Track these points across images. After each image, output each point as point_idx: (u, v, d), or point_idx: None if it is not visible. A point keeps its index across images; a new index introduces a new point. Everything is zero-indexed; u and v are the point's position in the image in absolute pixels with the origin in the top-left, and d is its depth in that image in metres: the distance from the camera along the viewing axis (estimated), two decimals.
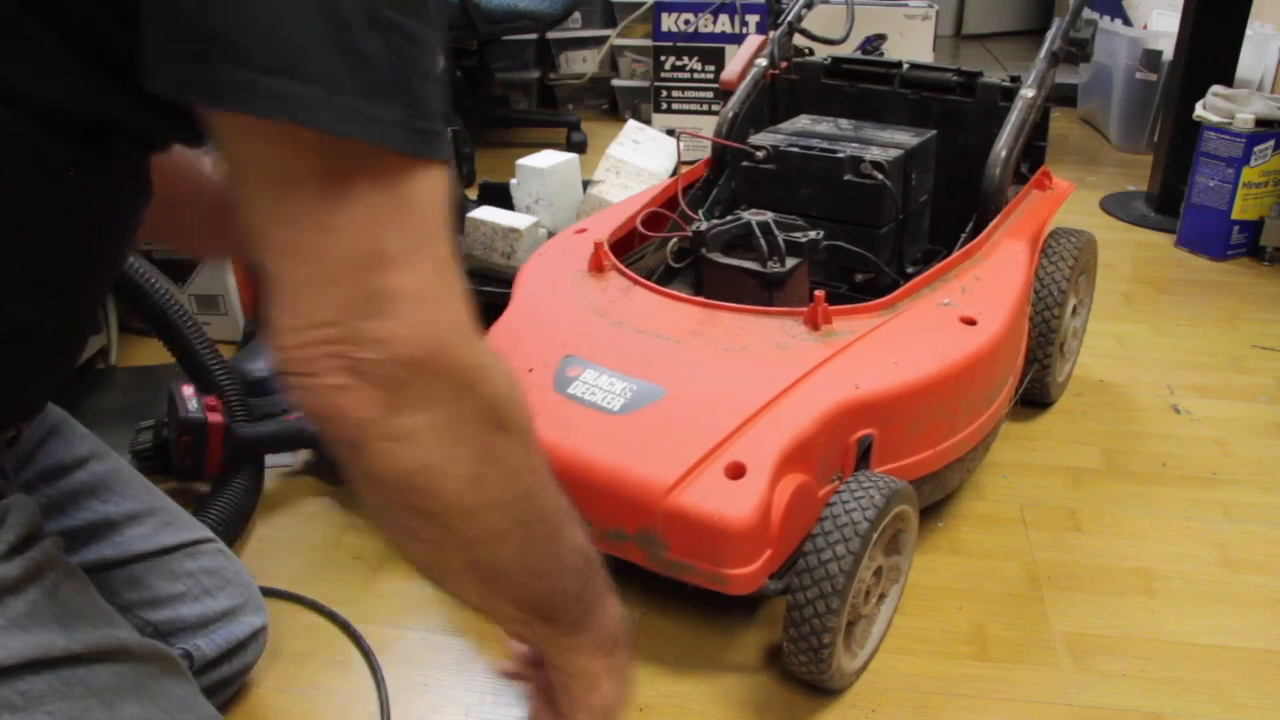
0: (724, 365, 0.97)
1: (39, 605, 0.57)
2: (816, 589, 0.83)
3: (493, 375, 0.55)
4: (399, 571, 1.06)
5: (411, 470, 0.52)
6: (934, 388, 0.97)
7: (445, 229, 0.53)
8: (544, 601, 0.62)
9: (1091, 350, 1.50)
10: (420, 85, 0.49)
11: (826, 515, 0.85)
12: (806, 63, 1.45)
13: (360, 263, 0.49)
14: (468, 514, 0.55)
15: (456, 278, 0.53)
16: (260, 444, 1.15)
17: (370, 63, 0.46)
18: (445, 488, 0.53)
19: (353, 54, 0.45)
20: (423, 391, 0.51)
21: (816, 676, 0.87)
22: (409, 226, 0.50)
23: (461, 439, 0.53)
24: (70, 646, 0.58)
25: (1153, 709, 0.90)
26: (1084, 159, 2.51)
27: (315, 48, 0.44)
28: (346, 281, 0.49)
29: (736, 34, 2.47)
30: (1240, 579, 1.06)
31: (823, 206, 1.18)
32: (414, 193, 0.50)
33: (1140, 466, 1.25)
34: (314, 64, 0.44)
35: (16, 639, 0.56)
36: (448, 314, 0.52)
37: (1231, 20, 1.98)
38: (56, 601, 0.58)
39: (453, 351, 0.52)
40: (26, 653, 0.56)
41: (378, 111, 0.47)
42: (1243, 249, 1.89)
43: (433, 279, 0.51)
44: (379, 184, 0.48)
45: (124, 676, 0.60)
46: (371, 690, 0.92)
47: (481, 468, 0.54)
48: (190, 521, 0.87)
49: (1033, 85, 1.27)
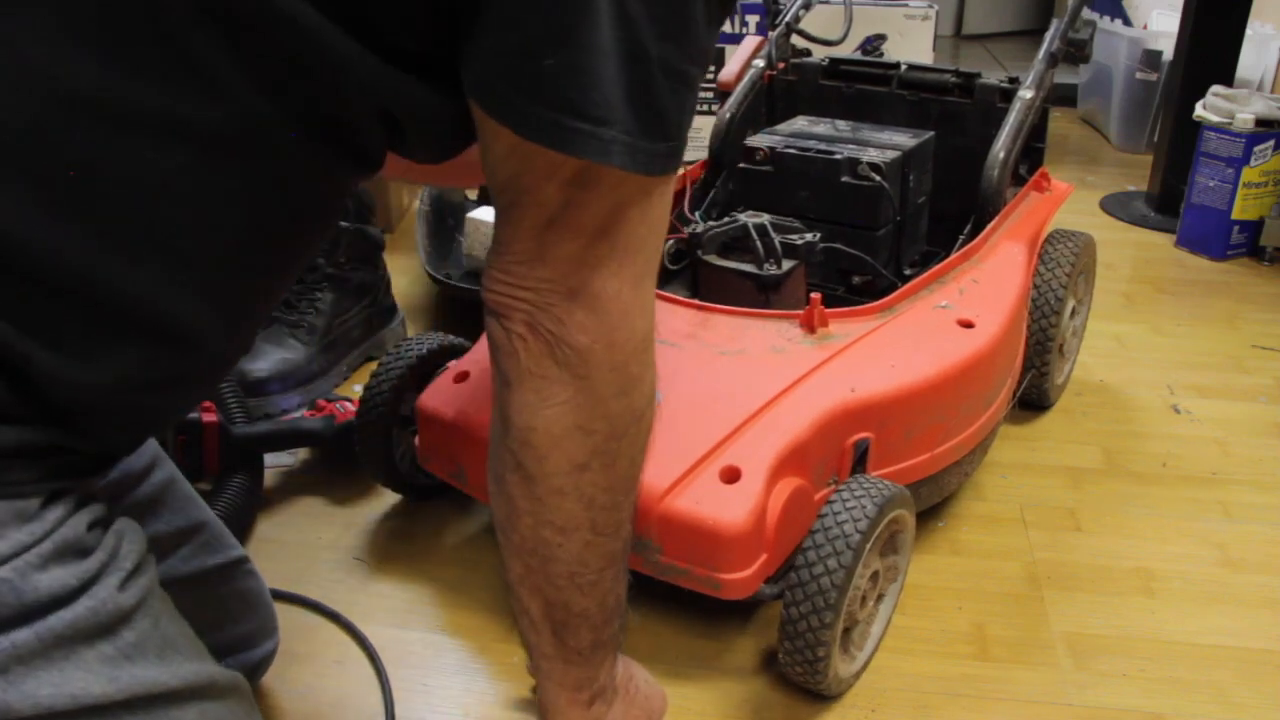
0: (720, 368, 0.96)
1: (145, 636, 0.56)
2: (810, 603, 0.82)
3: (643, 392, 0.62)
4: (399, 572, 1.06)
5: (535, 427, 0.60)
6: (931, 391, 0.97)
7: (661, 241, 0.62)
8: (568, 615, 0.67)
9: (1091, 350, 1.50)
10: (686, 120, 0.59)
11: (818, 526, 0.84)
12: (804, 64, 1.45)
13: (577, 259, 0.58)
14: (555, 491, 0.62)
15: (652, 288, 0.62)
16: (257, 443, 1.15)
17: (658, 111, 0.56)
18: (552, 457, 0.61)
19: (648, 107, 0.55)
20: (581, 374, 0.59)
21: (813, 684, 0.87)
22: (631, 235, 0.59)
23: (589, 428, 0.60)
24: (170, 683, 0.56)
25: (1153, 709, 0.90)
26: (1084, 159, 2.51)
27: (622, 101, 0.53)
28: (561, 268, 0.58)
29: (736, 34, 2.47)
30: (1240, 579, 1.06)
31: (820, 208, 1.18)
32: (652, 203, 0.59)
33: (1140, 466, 1.25)
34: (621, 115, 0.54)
35: (125, 672, 0.54)
36: (631, 322, 0.60)
37: (1231, 20, 1.97)
38: (159, 632, 0.57)
39: (620, 356, 0.60)
40: (133, 689, 0.54)
41: (654, 148, 0.56)
42: (1243, 249, 1.89)
43: (632, 289, 0.60)
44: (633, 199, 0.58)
45: (207, 713, 0.58)
46: (371, 690, 0.92)
47: (590, 460, 0.61)
48: (228, 540, 0.84)
49: (1031, 86, 1.27)
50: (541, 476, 0.62)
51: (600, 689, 0.72)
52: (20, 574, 0.50)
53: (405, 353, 1.09)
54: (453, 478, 1.02)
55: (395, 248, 1.77)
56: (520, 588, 0.67)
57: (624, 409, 0.62)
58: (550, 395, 0.60)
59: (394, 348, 1.10)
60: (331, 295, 1.38)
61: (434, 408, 1.00)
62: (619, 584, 0.69)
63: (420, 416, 1.02)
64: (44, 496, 0.53)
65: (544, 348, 0.59)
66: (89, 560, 0.54)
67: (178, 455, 1.10)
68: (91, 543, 0.55)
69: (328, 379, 1.38)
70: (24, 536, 0.51)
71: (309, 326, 1.36)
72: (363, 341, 1.45)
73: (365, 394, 1.08)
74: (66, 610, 0.52)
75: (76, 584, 0.52)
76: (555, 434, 0.60)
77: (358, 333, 1.43)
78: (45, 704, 0.51)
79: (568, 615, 0.67)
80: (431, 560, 1.08)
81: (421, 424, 1.03)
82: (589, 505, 0.63)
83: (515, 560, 0.66)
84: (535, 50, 0.52)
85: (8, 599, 0.50)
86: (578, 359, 0.59)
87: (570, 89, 0.52)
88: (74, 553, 0.53)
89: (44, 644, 0.51)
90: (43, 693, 0.51)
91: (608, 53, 0.52)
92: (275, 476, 1.21)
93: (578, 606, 0.66)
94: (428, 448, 1.03)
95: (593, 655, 0.70)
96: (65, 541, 0.53)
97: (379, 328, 1.47)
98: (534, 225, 0.58)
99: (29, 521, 0.51)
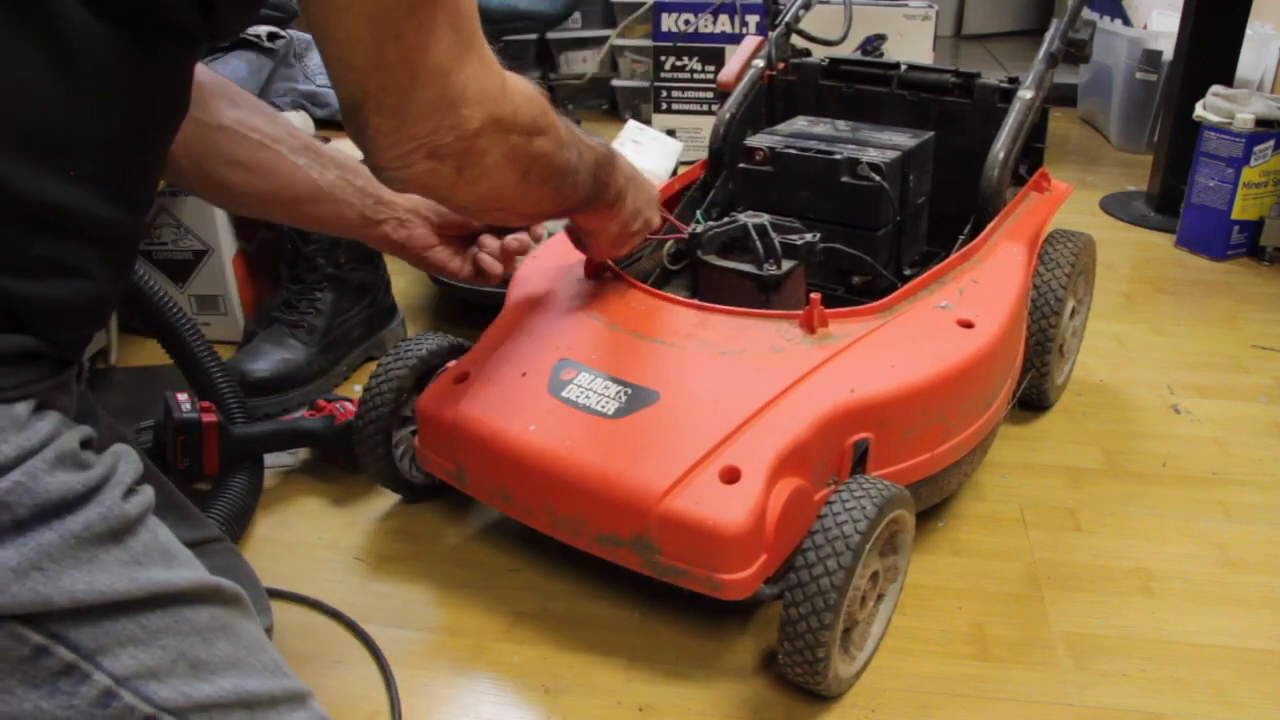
0: (720, 369, 0.97)
1: (150, 545, 0.60)
2: (809, 604, 0.82)
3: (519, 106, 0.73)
4: (399, 572, 1.06)
5: (484, 197, 0.77)
6: (931, 391, 0.97)
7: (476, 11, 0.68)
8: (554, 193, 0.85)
9: (1091, 350, 1.50)
10: None
11: (818, 527, 0.84)
12: (804, 64, 1.45)
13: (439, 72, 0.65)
14: (521, 196, 0.80)
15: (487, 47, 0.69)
16: (257, 443, 1.15)
17: None
18: (508, 191, 0.78)
19: None
20: (482, 147, 0.71)
21: (813, 685, 0.87)
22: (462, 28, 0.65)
23: (513, 163, 0.75)
24: (181, 585, 0.60)
25: (1153, 709, 0.90)
26: (1084, 159, 2.51)
27: None
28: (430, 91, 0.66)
29: (737, 34, 2.47)
30: (1240, 579, 1.06)
31: (820, 208, 1.18)
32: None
33: (1140, 466, 1.25)
34: None
35: (141, 574, 0.58)
36: (492, 82, 0.69)
37: (1231, 20, 1.97)
38: (161, 544, 0.61)
39: (496, 110, 0.70)
40: (149, 588, 0.58)
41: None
42: (1243, 249, 1.89)
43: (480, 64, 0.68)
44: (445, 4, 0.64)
45: (218, 617, 0.62)
46: (372, 689, 0.92)
47: (528, 165, 0.77)
48: (200, 519, 0.87)
49: (1031, 86, 1.27)
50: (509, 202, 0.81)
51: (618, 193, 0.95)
52: (31, 476, 0.54)
53: (405, 353, 1.09)
54: (452, 478, 1.02)
55: None
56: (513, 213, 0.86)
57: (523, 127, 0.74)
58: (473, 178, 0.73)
59: (394, 348, 1.10)
60: (331, 295, 1.38)
61: (434, 408, 1.01)
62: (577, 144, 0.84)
63: (420, 416, 1.02)
64: (30, 406, 0.55)
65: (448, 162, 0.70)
66: (90, 472, 0.57)
67: (177, 455, 1.10)
68: (89, 459, 0.58)
69: (328, 379, 1.38)
70: (24, 442, 0.54)
71: (309, 326, 1.36)
72: (363, 341, 1.45)
73: (365, 394, 1.08)
74: (79, 514, 0.56)
75: (82, 489, 0.56)
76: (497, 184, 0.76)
77: (358, 333, 1.43)
78: (80, 597, 0.55)
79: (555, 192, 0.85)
80: (431, 560, 1.08)
81: (421, 424, 1.03)
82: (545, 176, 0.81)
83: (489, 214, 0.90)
84: None
85: (24, 499, 0.53)
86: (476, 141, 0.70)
87: None
88: (74, 463, 0.56)
89: (66, 544, 0.55)
90: (77, 587, 0.55)
91: None
92: (275, 476, 1.21)
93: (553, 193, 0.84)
94: (428, 448, 1.03)
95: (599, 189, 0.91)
96: (64, 451, 0.56)
97: (379, 328, 1.48)
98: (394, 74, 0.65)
99: (24, 429, 0.54)
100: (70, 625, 0.55)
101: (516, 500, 0.96)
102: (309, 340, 1.36)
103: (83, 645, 0.56)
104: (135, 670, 0.57)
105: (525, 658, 0.95)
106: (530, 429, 0.94)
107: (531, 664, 0.94)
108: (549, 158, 0.79)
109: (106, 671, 0.57)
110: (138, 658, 0.58)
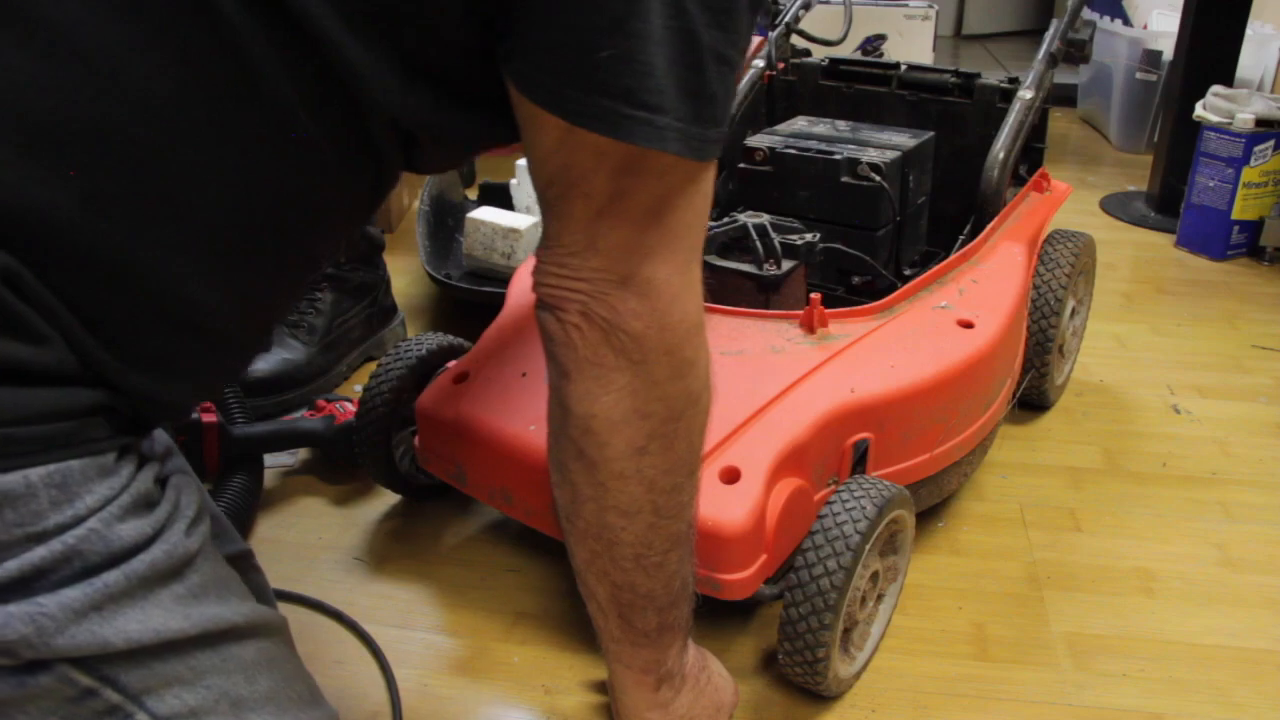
0: (719, 369, 0.96)
1: (207, 578, 0.59)
2: (809, 604, 0.82)
3: (697, 374, 0.65)
4: (399, 572, 1.06)
5: (595, 414, 0.63)
6: (931, 391, 0.97)
7: (705, 224, 0.64)
8: (634, 597, 0.70)
9: (1091, 350, 1.50)
10: (730, 105, 0.60)
11: (818, 528, 0.84)
12: (804, 64, 1.45)
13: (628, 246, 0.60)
14: (617, 476, 0.65)
15: (699, 272, 0.64)
16: (257, 443, 1.15)
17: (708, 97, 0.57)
18: (612, 443, 0.63)
19: (700, 94, 0.56)
20: (637, 359, 0.62)
21: (813, 685, 0.87)
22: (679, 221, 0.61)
23: (646, 412, 0.63)
24: (233, 619, 0.60)
25: (1153, 709, 0.90)
26: (1084, 159, 2.51)
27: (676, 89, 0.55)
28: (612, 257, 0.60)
29: None
30: (1240, 579, 1.06)
31: (820, 208, 1.18)
32: (699, 188, 0.61)
33: (1140, 466, 1.25)
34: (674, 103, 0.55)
35: (196, 610, 0.58)
36: (682, 305, 0.62)
37: (1231, 20, 1.97)
38: (216, 575, 0.61)
39: (673, 339, 0.62)
40: (203, 625, 0.58)
41: (705, 134, 0.57)
42: (1243, 249, 1.89)
43: (681, 274, 0.62)
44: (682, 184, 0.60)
45: (263, 650, 0.62)
46: (372, 689, 0.92)
47: (650, 443, 0.64)
48: (235, 533, 0.85)
49: (1031, 87, 1.27)
50: (603, 462, 0.64)
51: (667, 673, 0.75)
52: (106, 524, 0.54)
53: (405, 353, 1.09)
54: (453, 478, 1.02)
55: (395, 248, 1.77)
56: (587, 572, 0.70)
57: (680, 391, 0.64)
58: (608, 382, 0.62)
59: (394, 348, 1.10)
60: (331, 295, 1.38)
61: (434, 408, 1.00)
62: (684, 567, 0.71)
63: (420, 416, 1.02)
64: (116, 452, 0.56)
65: (600, 336, 0.61)
66: (158, 510, 0.58)
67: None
68: (158, 496, 0.59)
69: (328, 379, 1.38)
70: (106, 490, 0.54)
71: (309, 326, 1.36)
72: (363, 341, 1.45)
73: (365, 394, 1.08)
74: (145, 554, 0.55)
75: (151, 532, 0.56)
76: (615, 419, 0.63)
77: (358, 333, 1.43)
78: (134, 638, 0.54)
79: (633, 597, 0.69)
80: (431, 560, 1.08)
81: (421, 424, 1.03)
82: (650, 488, 0.65)
83: (581, 545, 0.69)
84: (590, 42, 0.54)
85: (97, 547, 0.53)
86: (633, 345, 0.61)
87: (626, 77, 0.54)
88: (146, 504, 0.57)
89: (130, 584, 0.54)
90: (131, 628, 0.54)
91: (661, 41, 0.54)
92: (275, 476, 1.21)
93: (643, 588, 0.69)
94: (428, 448, 1.03)
95: (659, 638, 0.73)
96: (139, 494, 0.56)
97: (379, 328, 1.48)
98: (584, 216, 0.60)
99: (109, 476, 0.55)
100: (121, 667, 0.55)
101: (517, 500, 0.96)
102: (309, 340, 1.36)
103: (131, 687, 0.55)
104: (178, 711, 0.57)
105: (525, 658, 0.95)
106: (530, 429, 0.94)
107: (531, 664, 0.94)
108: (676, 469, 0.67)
109: (149, 712, 0.56)
110: (181, 698, 0.57)
